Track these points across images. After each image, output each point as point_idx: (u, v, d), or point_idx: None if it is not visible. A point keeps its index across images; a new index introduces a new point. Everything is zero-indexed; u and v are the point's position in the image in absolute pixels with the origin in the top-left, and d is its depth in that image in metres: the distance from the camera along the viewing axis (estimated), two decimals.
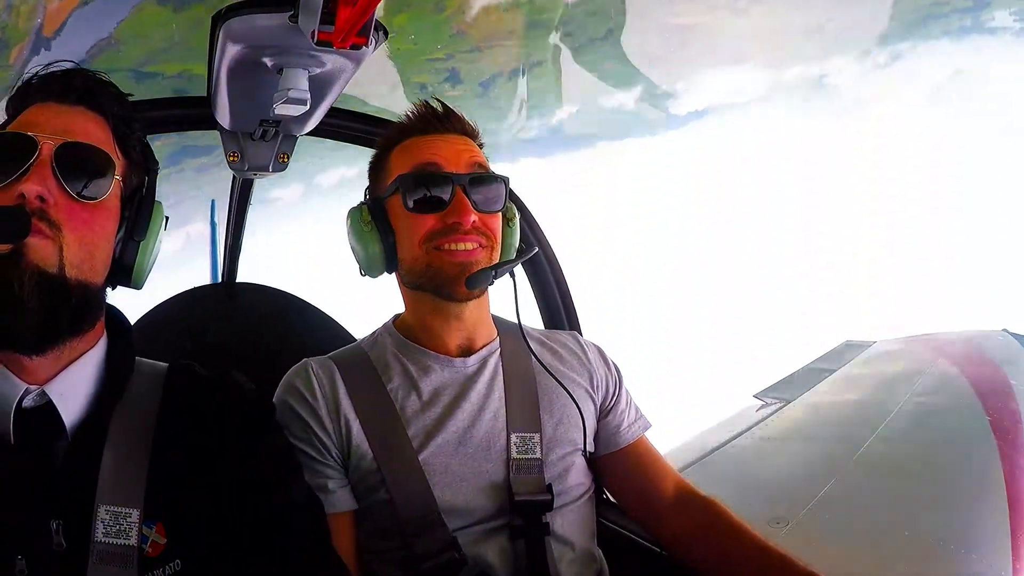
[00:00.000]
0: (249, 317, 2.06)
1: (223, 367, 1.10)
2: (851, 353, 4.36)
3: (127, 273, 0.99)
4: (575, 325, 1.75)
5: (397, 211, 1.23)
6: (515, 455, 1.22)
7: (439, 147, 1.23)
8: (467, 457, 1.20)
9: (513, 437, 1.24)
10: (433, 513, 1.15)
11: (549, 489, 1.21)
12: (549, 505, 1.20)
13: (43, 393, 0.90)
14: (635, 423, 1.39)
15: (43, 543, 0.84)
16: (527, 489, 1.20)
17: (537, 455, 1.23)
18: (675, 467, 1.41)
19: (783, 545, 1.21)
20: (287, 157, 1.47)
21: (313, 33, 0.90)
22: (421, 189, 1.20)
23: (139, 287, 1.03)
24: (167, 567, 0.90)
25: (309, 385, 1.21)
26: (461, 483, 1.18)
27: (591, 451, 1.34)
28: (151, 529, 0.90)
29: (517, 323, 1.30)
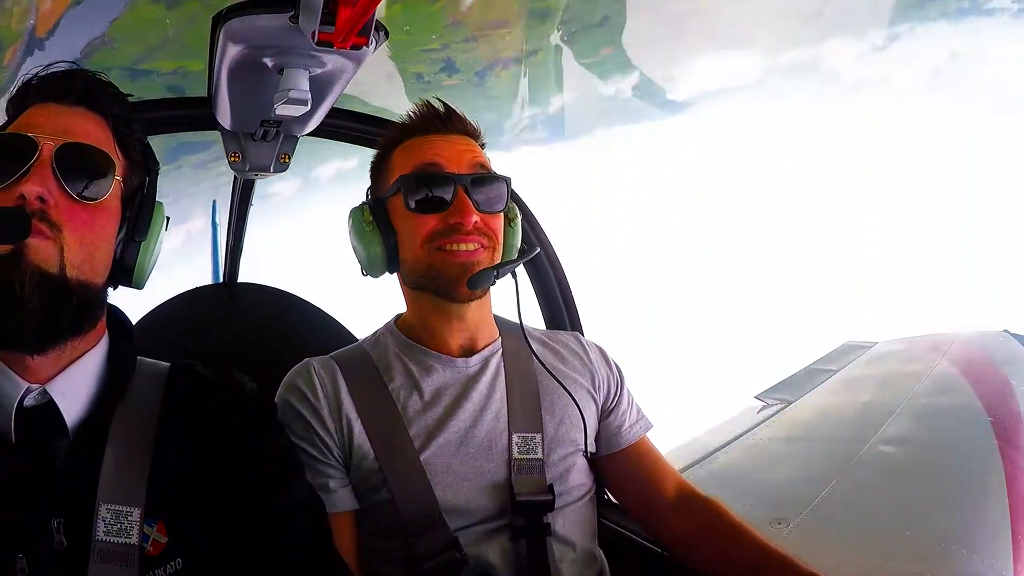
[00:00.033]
0: (251, 317, 2.06)
1: (225, 367, 1.10)
2: (852, 354, 4.36)
3: (128, 273, 0.99)
4: (577, 325, 1.75)
5: (399, 211, 1.23)
6: (516, 455, 1.22)
7: (441, 147, 1.23)
8: (468, 457, 1.20)
9: (515, 437, 1.23)
10: (434, 513, 1.15)
11: (550, 489, 1.21)
12: (550, 505, 1.20)
13: (44, 392, 0.90)
14: (636, 423, 1.39)
15: (44, 542, 0.84)
16: (528, 489, 1.20)
17: (538, 455, 1.23)
18: (676, 467, 1.41)
19: (784, 546, 1.21)
20: (288, 157, 1.47)
21: (314, 33, 0.90)
22: (423, 189, 1.20)
23: (140, 287, 1.04)
24: (168, 566, 0.90)
25: (311, 385, 1.21)
26: (462, 483, 1.18)
27: (592, 451, 1.34)
28: (152, 528, 0.90)
29: (519, 323, 1.30)
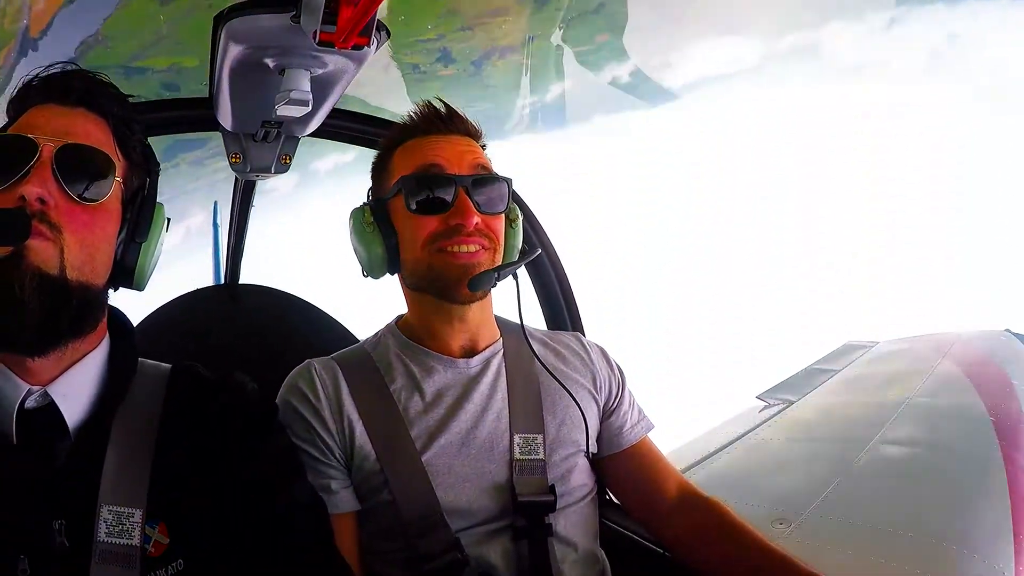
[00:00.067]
0: (252, 318, 2.06)
1: (226, 368, 1.09)
2: (853, 354, 4.35)
3: (128, 275, 0.99)
4: (578, 326, 1.75)
5: (400, 212, 1.23)
6: (518, 456, 1.22)
7: (442, 148, 1.23)
8: (470, 458, 1.20)
9: (516, 438, 1.23)
10: (436, 514, 1.14)
11: (552, 490, 1.21)
12: (552, 506, 1.19)
13: (45, 394, 0.90)
14: (638, 424, 1.39)
15: (46, 543, 0.84)
16: (530, 490, 1.20)
17: (540, 456, 1.23)
18: (678, 468, 1.41)
19: (786, 546, 1.21)
20: (289, 158, 1.47)
21: (315, 33, 0.90)
22: (424, 190, 1.20)
23: (141, 289, 1.04)
24: (170, 567, 0.90)
25: (312, 386, 1.21)
26: (464, 484, 1.18)
27: (594, 452, 1.34)
28: (154, 529, 0.90)
29: (520, 324, 1.29)
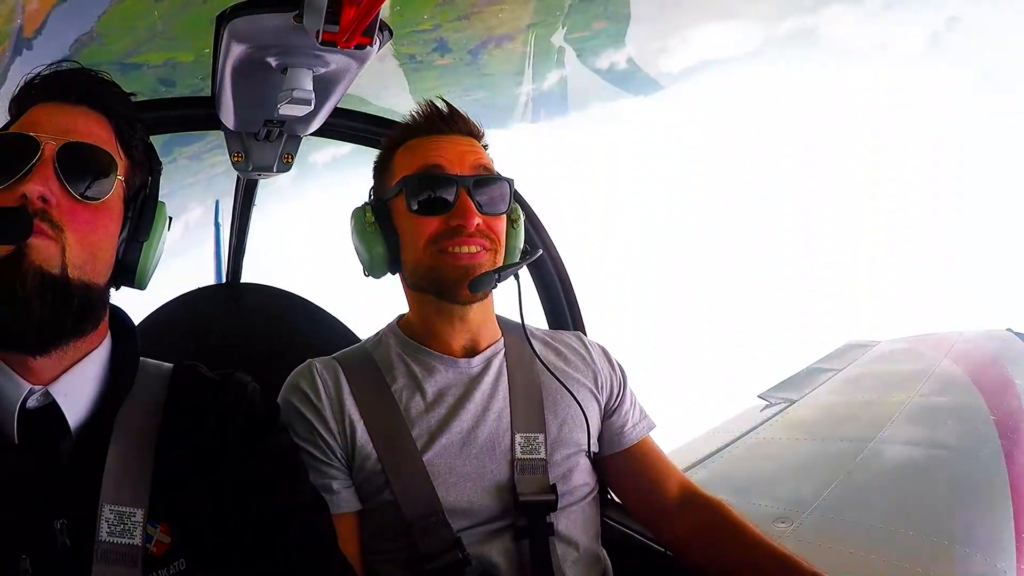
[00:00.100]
0: (254, 317, 2.06)
1: (228, 367, 1.09)
2: (855, 353, 4.36)
3: (130, 274, 0.99)
4: (579, 325, 1.75)
5: (401, 212, 1.23)
6: (519, 455, 1.22)
7: (443, 148, 1.23)
8: (471, 457, 1.20)
9: (518, 437, 1.23)
10: (437, 514, 1.14)
11: (553, 489, 1.21)
12: (553, 505, 1.19)
13: (47, 393, 0.90)
14: (639, 423, 1.38)
15: (47, 542, 0.84)
16: (531, 489, 1.20)
17: (541, 455, 1.23)
18: (680, 467, 1.41)
19: (787, 545, 1.21)
20: (291, 157, 1.47)
21: (318, 33, 0.90)
22: (425, 191, 1.20)
23: (143, 288, 1.03)
24: (171, 567, 0.90)
25: (313, 386, 1.21)
26: (465, 483, 1.18)
27: (595, 451, 1.34)
28: (155, 529, 0.90)
29: (521, 324, 1.29)
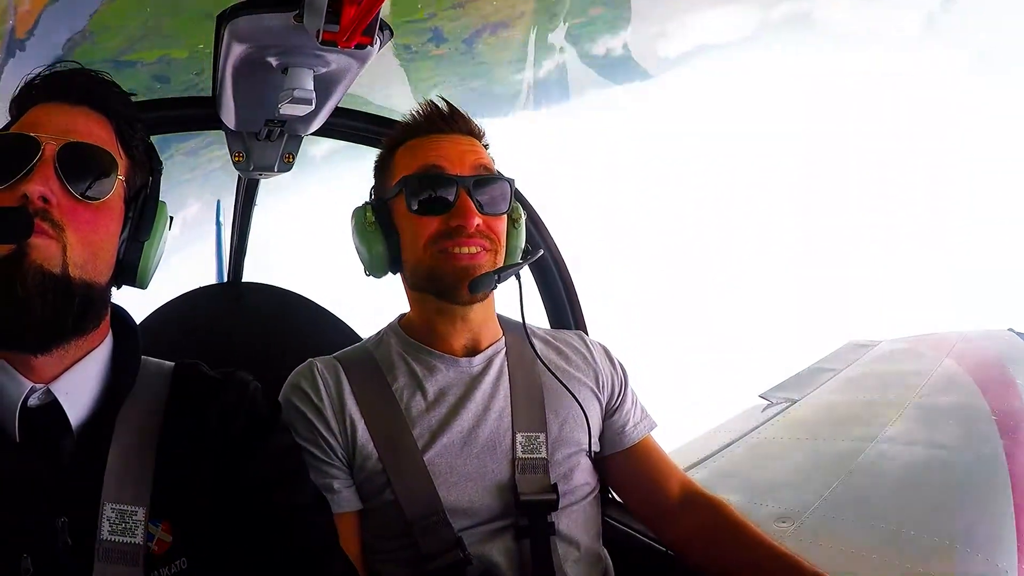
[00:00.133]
0: (255, 317, 2.06)
1: (229, 366, 1.09)
2: (856, 353, 4.35)
3: (131, 273, 0.99)
4: (581, 325, 1.74)
5: (401, 212, 1.23)
6: (520, 455, 1.22)
7: (444, 148, 1.23)
8: (472, 457, 1.20)
9: (519, 437, 1.23)
10: (438, 513, 1.14)
11: (554, 489, 1.20)
12: (554, 505, 1.19)
13: (48, 392, 0.90)
14: (641, 422, 1.38)
15: (49, 541, 0.84)
16: (532, 489, 1.20)
17: (542, 455, 1.23)
18: (681, 467, 1.41)
19: (788, 544, 1.21)
20: (292, 157, 1.47)
21: (318, 32, 0.90)
22: (425, 191, 1.20)
23: (144, 287, 1.03)
24: (173, 565, 0.90)
25: (314, 385, 1.21)
26: (466, 483, 1.18)
27: (597, 451, 1.34)
28: (157, 527, 0.90)
29: (522, 324, 1.29)
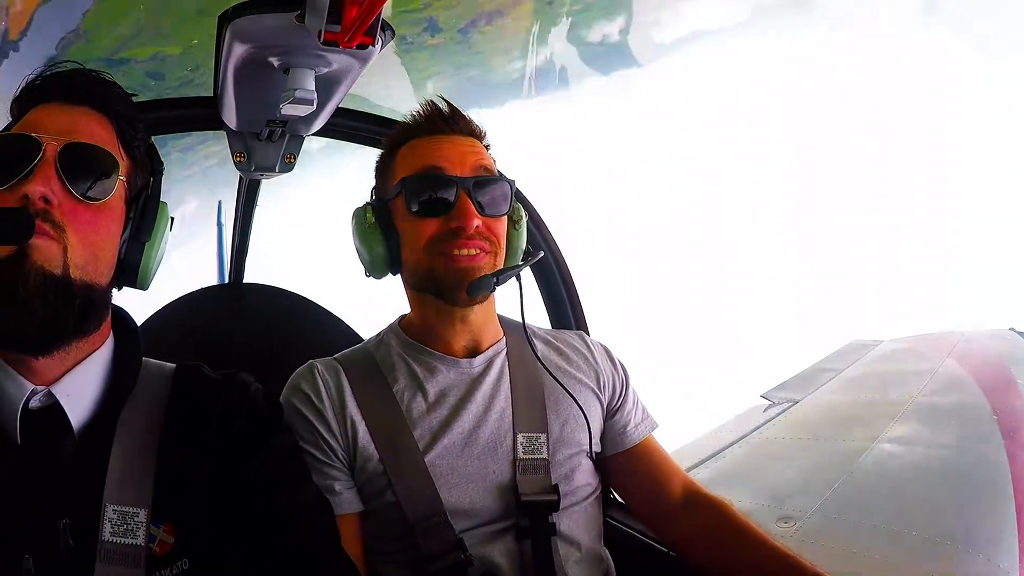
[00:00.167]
0: (256, 318, 2.06)
1: (231, 368, 1.09)
2: (858, 352, 4.35)
3: (132, 274, 0.99)
4: (582, 325, 1.74)
5: (401, 213, 1.22)
6: (521, 455, 1.22)
7: (444, 149, 1.22)
8: (473, 458, 1.20)
9: (520, 437, 1.23)
10: (439, 515, 1.14)
11: (555, 489, 1.20)
12: (555, 505, 1.19)
13: (49, 394, 0.90)
14: (642, 423, 1.38)
15: (50, 542, 0.84)
16: (533, 489, 1.20)
17: (543, 455, 1.23)
18: (683, 467, 1.41)
19: (790, 544, 1.21)
20: (294, 157, 1.47)
21: (320, 33, 0.90)
22: (425, 192, 1.19)
23: (145, 288, 1.03)
24: (175, 566, 0.90)
25: (315, 387, 1.21)
26: (467, 484, 1.18)
27: (598, 451, 1.34)
28: (159, 528, 0.90)
29: (523, 326, 1.29)
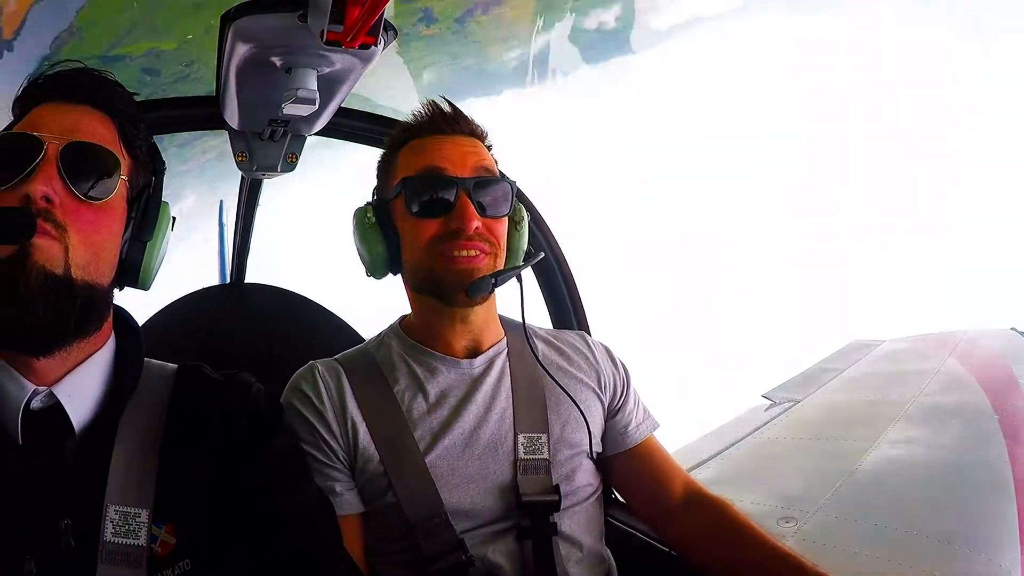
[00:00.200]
0: (258, 318, 2.06)
1: (232, 368, 1.09)
2: (860, 352, 4.35)
3: (134, 274, 0.99)
4: (583, 325, 1.74)
5: (401, 214, 1.22)
6: (522, 455, 1.22)
7: (444, 149, 1.22)
8: (474, 459, 1.20)
9: (520, 438, 1.23)
10: (440, 515, 1.14)
11: (556, 490, 1.20)
12: (556, 505, 1.19)
13: (51, 394, 0.90)
14: (643, 423, 1.38)
15: (52, 543, 0.84)
16: (534, 490, 1.20)
17: (544, 455, 1.23)
18: (684, 467, 1.41)
19: (792, 544, 1.21)
20: (295, 157, 1.47)
21: (322, 32, 0.90)
22: (424, 193, 1.19)
23: (146, 288, 1.03)
24: (176, 567, 0.90)
25: (315, 388, 1.21)
26: (468, 485, 1.18)
27: (599, 451, 1.33)
28: (160, 529, 0.90)
29: (523, 326, 1.29)
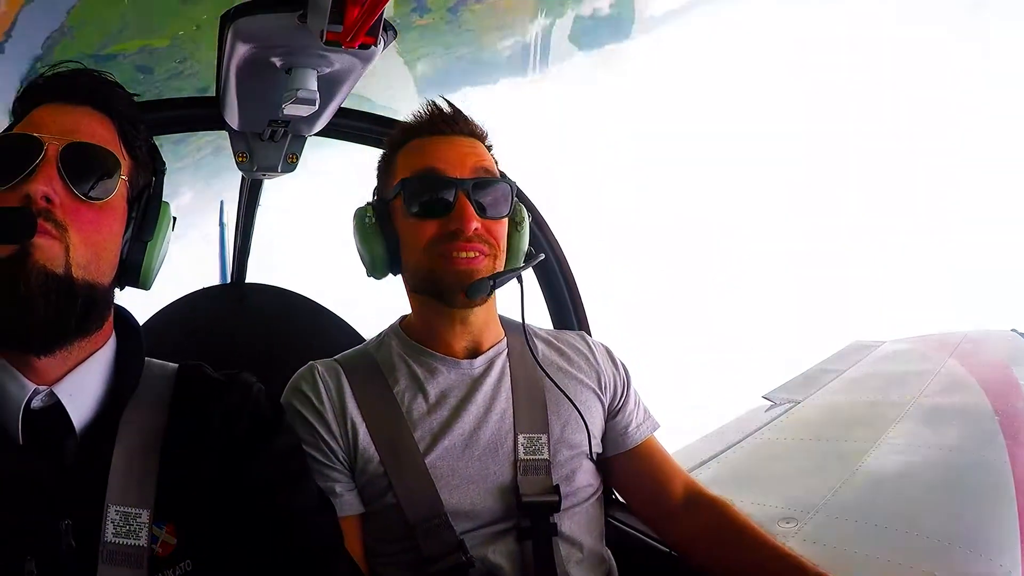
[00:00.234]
0: (258, 318, 2.07)
1: (233, 368, 1.09)
2: (860, 353, 4.35)
3: (134, 274, 0.99)
4: (584, 325, 1.74)
5: (401, 214, 1.22)
6: (522, 456, 1.21)
7: (444, 150, 1.21)
8: (474, 459, 1.20)
9: (520, 438, 1.23)
10: (440, 516, 1.14)
11: (556, 490, 1.20)
12: (557, 506, 1.19)
13: (51, 394, 0.90)
14: (643, 423, 1.38)
15: (53, 543, 0.84)
16: (534, 490, 1.19)
17: (544, 456, 1.23)
18: (684, 467, 1.40)
19: (792, 545, 1.21)
20: (296, 157, 1.48)
21: (322, 33, 0.90)
22: (424, 194, 1.19)
23: (147, 288, 1.03)
24: (177, 567, 0.90)
25: (315, 388, 1.21)
26: (468, 485, 1.18)
27: (599, 452, 1.33)
28: (161, 529, 0.90)
29: (523, 327, 1.29)
